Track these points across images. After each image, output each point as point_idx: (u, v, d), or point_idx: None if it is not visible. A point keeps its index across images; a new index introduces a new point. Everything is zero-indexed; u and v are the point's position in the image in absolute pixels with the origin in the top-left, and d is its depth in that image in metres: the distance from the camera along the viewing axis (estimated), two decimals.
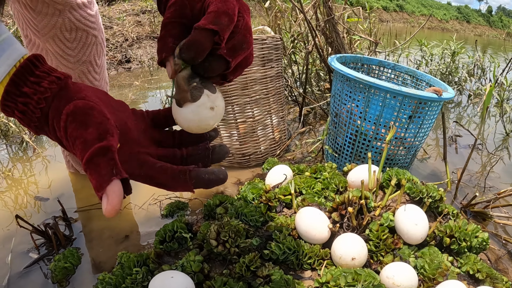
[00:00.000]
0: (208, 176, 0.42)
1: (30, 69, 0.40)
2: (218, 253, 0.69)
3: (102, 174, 0.36)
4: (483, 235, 0.77)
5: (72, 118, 0.38)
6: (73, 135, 0.38)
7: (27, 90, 0.39)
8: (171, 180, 0.41)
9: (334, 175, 0.90)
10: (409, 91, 0.96)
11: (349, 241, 0.67)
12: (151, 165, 0.42)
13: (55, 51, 0.98)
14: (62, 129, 0.38)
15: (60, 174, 1.24)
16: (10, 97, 0.39)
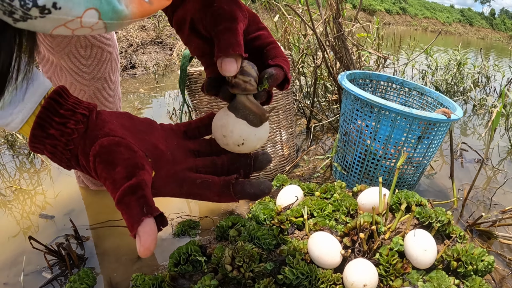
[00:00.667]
0: (253, 191, 0.42)
1: (54, 108, 0.39)
2: (233, 277, 0.71)
3: (133, 215, 0.37)
4: (488, 258, 0.79)
5: (99, 159, 0.39)
6: (102, 175, 0.38)
7: (53, 132, 0.39)
8: (216, 196, 0.42)
9: (344, 197, 0.92)
10: (419, 113, 0.97)
11: (361, 268, 0.68)
12: (191, 182, 0.42)
13: (70, 68, 0.98)
14: (93, 170, 0.39)
15: (69, 188, 1.26)
16: (38, 139, 0.38)
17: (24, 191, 1.26)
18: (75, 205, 1.16)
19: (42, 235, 1.01)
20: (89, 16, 0.31)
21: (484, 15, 36.76)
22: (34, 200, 1.21)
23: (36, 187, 1.29)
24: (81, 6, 0.30)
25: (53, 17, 0.29)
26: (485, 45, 11.46)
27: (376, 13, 23.14)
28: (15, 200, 1.21)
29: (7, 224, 1.08)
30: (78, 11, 0.30)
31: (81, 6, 0.30)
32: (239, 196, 0.42)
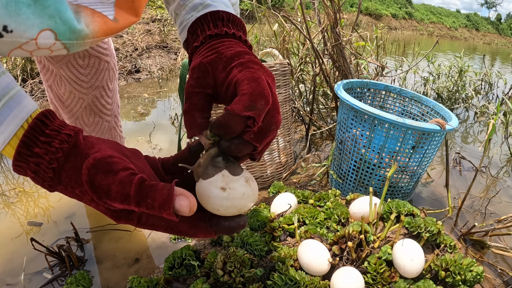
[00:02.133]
0: (228, 224, 0.43)
1: (40, 128, 0.40)
2: (224, 282, 0.73)
3: (161, 192, 0.38)
4: (477, 268, 0.80)
5: (95, 170, 0.39)
6: (103, 183, 0.39)
7: (38, 151, 0.39)
8: (192, 229, 0.42)
9: (337, 205, 0.94)
10: (412, 124, 0.99)
11: (347, 276, 0.70)
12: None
13: (69, 76, 1.01)
14: (86, 183, 0.39)
15: None
16: (22, 157, 0.39)
17: (28, 193, 1.29)
18: (76, 209, 1.19)
19: (44, 237, 1.04)
20: (44, 37, 0.31)
21: (491, 20, 36.57)
22: (37, 202, 1.24)
23: (39, 189, 1.32)
24: (34, 28, 0.29)
25: (6, 40, 0.29)
26: (491, 51, 11.43)
27: (382, 18, 23.11)
28: (19, 202, 1.24)
29: (9, 226, 1.11)
30: (32, 33, 0.30)
31: (35, 28, 0.29)
32: (215, 229, 0.42)
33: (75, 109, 1.05)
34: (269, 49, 1.43)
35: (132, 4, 0.39)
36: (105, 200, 0.39)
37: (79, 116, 1.06)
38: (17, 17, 0.28)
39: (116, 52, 3.42)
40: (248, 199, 0.43)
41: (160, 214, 0.38)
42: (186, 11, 0.52)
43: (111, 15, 0.37)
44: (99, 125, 1.10)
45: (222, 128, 0.42)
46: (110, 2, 0.38)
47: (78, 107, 1.05)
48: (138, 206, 0.38)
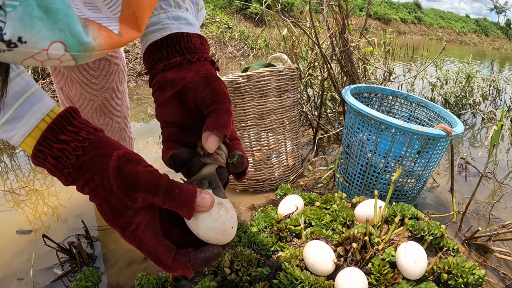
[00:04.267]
0: (203, 255, 0.44)
1: (68, 119, 0.43)
2: (231, 280, 0.76)
3: (187, 187, 0.42)
4: (479, 272, 0.81)
5: (126, 160, 0.43)
6: (133, 171, 0.42)
7: (64, 138, 0.42)
8: (173, 263, 0.43)
9: (342, 208, 0.96)
10: (418, 129, 1.01)
11: (351, 276, 0.72)
12: (161, 240, 0.44)
13: (80, 79, 1.04)
14: (113, 169, 0.42)
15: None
16: (46, 143, 0.42)
17: (38, 192, 1.32)
18: (87, 207, 1.22)
19: (54, 235, 1.07)
20: (55, 49, 0.33)
21: (500, 25, 36.29)
22: (46, 201, 1.27)
23: (49, 187, 1.36)
24: (46, 40, 0.32)
25: (20, 50, 0.31)
26: (500, 56, 11.36)
27: (391, 22, 23.05)
28: (29, 200, 1.27)
29: (19, 223, 1.14)
30: (44, 44, 0.32)
31: (46, 40, 0.32)
32: (192, 263, 0.44)
33: (86, 111, 1.08)
34: (278, 53, 1.45)
35: (135, 20, 0.42)
36: (127, 188, 0.42)
37: (90, 117, 1.09)
38: (31, 30, 0.31)
39: (126, 54, 3.46)
40: (234, 226, 0.47)
41: (182, 207, 0.41)
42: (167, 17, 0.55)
43: (116, 30, 0.40)
44: (109, 126, 1.13)
45: (242, 163, 0.51)
46: (115, 17, 0.40)
47: (89, 108, 1.08)
48: (165, 196, 0.41)
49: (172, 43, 0.52)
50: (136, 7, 0.41)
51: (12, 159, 1.61)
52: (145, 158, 0.47)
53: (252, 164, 1.27)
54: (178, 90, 0.51)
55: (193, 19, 0.58)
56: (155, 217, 0.45)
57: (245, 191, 1.31)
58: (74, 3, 0.36)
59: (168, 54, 0.52)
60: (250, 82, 1.16)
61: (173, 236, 0.47)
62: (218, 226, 0.44)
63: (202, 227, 0.44)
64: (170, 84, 0.52)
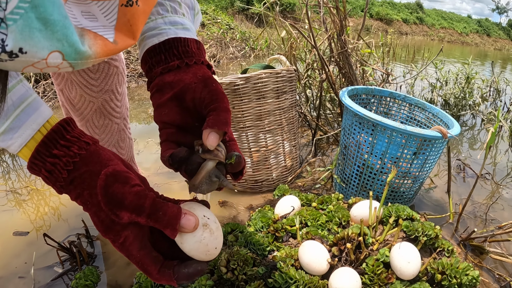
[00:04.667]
0: (187, 270, 0.46)
1: (61, 133, 0.45)
2: (227, 279, 0.77)
3: (172, 208, 0.44)
4: (473, 273, 0.82)
5: (113, 179, 0.44)
6: (118, 192, 0.43)
7: (56, 152, 0.44)
8: (159, 273, 0.46)
9: (338, 209, 0.97)
10: (414, 130, 1.02)
11: (345, 276, 0.73)
12: (148, 252, 0.46)
13: (80, 81, 1.05)
14: (101, 188, 0.44)
15: None
16: (40, 156, 0.44)
17: (39, 192, 1.34)
18: None
19: (55, 234, 1.08)
20: (53, 58, 0.36)
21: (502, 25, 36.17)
22: (47, 201, 1.29)
23: (51, 188, 1.37)
24: (45, 50, 0.34)
25: (21, 59, 0.34)
26: (502, 57, 11.35)
27: (393, 23, 23.03)
28: (30, 199, 1.29)
29: (20, 223, 1.15)
30: (43, 54, 0.35)
31: (45, 50, 0.34)
32: (176, 276, 0.45)
33: (86, 112, 1.10)
34: (276, 55, 1.46)
35: (130, 28, 0.43)
36: (113, 207, 0.43)
37: (89, 118, 1.11)
38: (30, 41, 0.33)
39: (128, 55, 3.48)
40: (218, 246, 0.49)
41: (166, 228, 0.43)
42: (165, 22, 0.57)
43: (111, 38, 0.42)
44: (109, 127, 1.15)
45: (239, 164, 0.53)
46: (111, 25, 0.42)
47: (89, 110, 1.09)
48: (148, 218, 0.43)
49: (170, 48, 0.54)
50: (131, 15, 0.43)
51: (14, 159, 1.63)
52: (146, 159, 0.49)
53: (250, 165, 1.28)
54: (176, 92, 0.53)
55: (190, 24, 0.60)
56: (143, 231, 0.46)
57: (243, 191, 1.32)
58: (71, 13, 0.38)
59: (166, 58, 0.54)
60: (248, 84, 1.18)
61: (161, 247, 0.48)
62: (202, 247, 0.46)
63: (186, 246, 0.46)
64: (169, 86, 0.54)
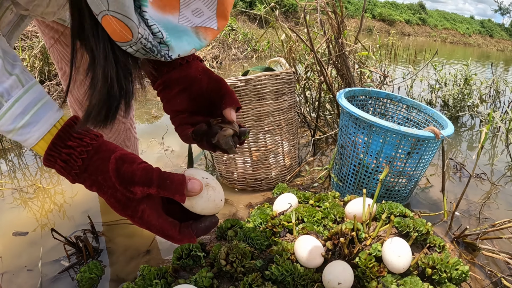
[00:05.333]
0: (204, 224, 0.54)
1: (73, 127, 0.51)
2: (226, 271, 0.81)
3: (177, 176, 0.50)
4: (463, 267, 0.86)
5: (122, 161, 0.51)
6: (128, 170, 0.50)
7: (71, 143, 0.50)
8: (180, 234, 0.52)
9: (334, 206, 1.01)
10: (407, 131, 1.06)
11: (338, 268, 0.77)
12: (165, 219, 0.52)
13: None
14: (113, 170, 0.50)
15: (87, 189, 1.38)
16: (56, 148, 0.50)
17: (45, 190, 1.38)
18: (92, 203, 1.28)
19: (61, 230, 1.12)
20: (192, 51, 0.50)
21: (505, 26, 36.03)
22: (53, 199, 1.33)
23: (56, 186, 1.42)
24: (188, 48, 0.49)
25: (173, 57, 0.48)
26: (504, 58, 11.35)
27: (395, 24, 23.01)
28: (36, 197, 1.33)
29: (26, 220, 1.20)
30: (188, 51, 0.49)
31: (189, 49, 0.49)
32: (195, 232, 0.53)
33: None
34: (276, 58, 1.50)
35: (226, 13, 0.54)
36: (127, 185, 0.50)
37: None
38: (182, 48, 0.48)
39: None
40: (223, 198, 0.57)
41: (175, 194, 0.49)
42: None
43: (215, 26, 0.52)
44: (116, 126, 1.19)
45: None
46: (213, 14, 0.52)
47: None
48: (158, 188, 0.49)
49: None
50: (228, 3, 0.53)
51: (20, 158, 1.67)
52: (149, 158, 0.54)
53: (250, 164, 1.32)
54: (185, 86, 0.64)
55: None
56: (156, 202, 0.52)
57: (243, 190, 1.36)
58: (186, 18, 0.48)
59: None
60: (248, 86, 1.22)
61: (175, 213, 0.54)
62: (211, 204, 0.53)
63: (197, 207, 0.53)
64: (175, 82, 0.64)
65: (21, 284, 0.93)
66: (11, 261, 1.01)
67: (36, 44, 2.69)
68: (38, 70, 2.57)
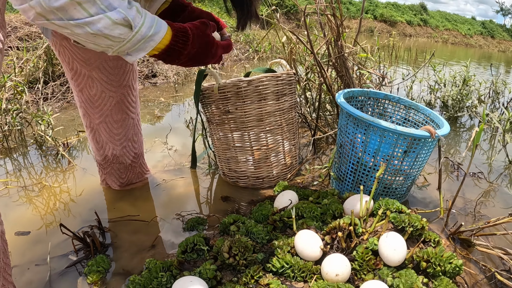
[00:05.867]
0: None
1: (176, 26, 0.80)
2: (229, 264, 0.85)
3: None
4: (457, 261, 0.89)
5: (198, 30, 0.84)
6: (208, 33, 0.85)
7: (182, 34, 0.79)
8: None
9: (332, 202, 1.05)
10: (404, 130, 1.09)
11: (335, 260, 0.81)
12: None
13: (101, 78, 1.16)
14: (196, 36, 0.82)
15: (93, 187, 1.43)
16: (177, 37, 0.78)
17: (50, 188, 1.42)
18: (98, 202, 1.32)
19: (67, 226, 1.17)
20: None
21: (506, 27, 36.00)
22: (58, 197, 1.37)
23: (61, 184, 1.46)
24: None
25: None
26: (506, 59, 11.36)
27: (397, 25, 23.03)
28: (41, 195, 1.37)
29: (31, 218, 1.24)
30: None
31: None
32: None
33: (105, 108, 1.20)
34: (278, 59, 1.54)
35: None
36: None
37: (109, 114, 1.20)
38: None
39: None
40: None
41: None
42: None
43: None
44: (126, 121, 1.24)
45: None
46: None
47: (108, 105, 1.19)
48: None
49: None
50: None
51: (25, 157, 1.71)
52: (153, 157, 0.58)
53: (252, 163, 1.36)
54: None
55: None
56: None
57: (245, 187, 1.40)
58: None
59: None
60: (250, 87, 1.26)
61: None
62: None
63: None
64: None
65: (30, 278, 0.97)
66: (19, 256, 1.05)
67: (40, 45, 2.73)
68: (42, 70, 2.61)
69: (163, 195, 1.37)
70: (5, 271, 0.79)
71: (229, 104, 1.28)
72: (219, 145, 1.40)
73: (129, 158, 1.33)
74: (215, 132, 1.39)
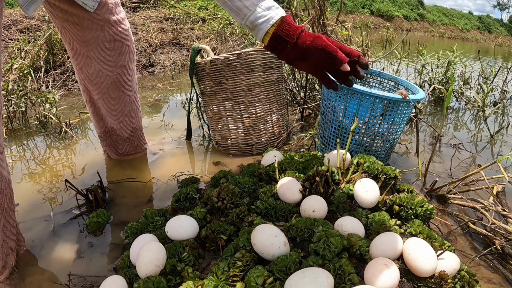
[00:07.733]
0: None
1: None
2: (218, 207, 0.94)
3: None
4: (428, 205, 0.98)
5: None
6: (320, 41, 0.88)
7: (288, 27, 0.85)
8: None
9: (314, 157, 1.14)
10: (378, 93, 1.19)
11: (313, 200, 0.90)
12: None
13: (98, 57, 1.25)
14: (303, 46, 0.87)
15: (95, 158, 1.53)
16: (282, 28, 0.84)
17: (55, 159, 1.52)
18: (100, 168, 1.42)
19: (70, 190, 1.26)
20: None
21: (503, 22, 36.12)
22: (63, 166, 1.47)
23: (66, 155, 1.55)
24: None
25: None
26: (502, 52, 11.44)
27: (393, 19, 23.11)
28: (46, 166, 1.47)
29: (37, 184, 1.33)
30: None
31: None
32: None
33: (103, 86, 1.29)
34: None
35: None
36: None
37: (106, 91, 1.30)
38: None
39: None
40: None
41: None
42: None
43: None
44: (122, 98, 1.33)
45: None
46: None
47: (105, 83, 1.28)
48: None
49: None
50: None
51: (29, 137, 1.81)
52: (151, 132, 0.67)
53: (242, 130, 1.46)
54: None
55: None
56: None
57: (236, 154, 1.51)
58: None
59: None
60: (239, 59, 1.35)
61: None
62: None
63: None
64: None
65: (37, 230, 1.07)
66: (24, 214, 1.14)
67: (41, 36, 2.82)
68: (44, 60, 2.70)
69: (160, 162, 1.47)
70: (8, 215, 0.90)
71: (220, 75, 1.38)
72: (212, 115, 1.50)
73: (127, 132, 1.42)
74: (209, 104, 1.49)
